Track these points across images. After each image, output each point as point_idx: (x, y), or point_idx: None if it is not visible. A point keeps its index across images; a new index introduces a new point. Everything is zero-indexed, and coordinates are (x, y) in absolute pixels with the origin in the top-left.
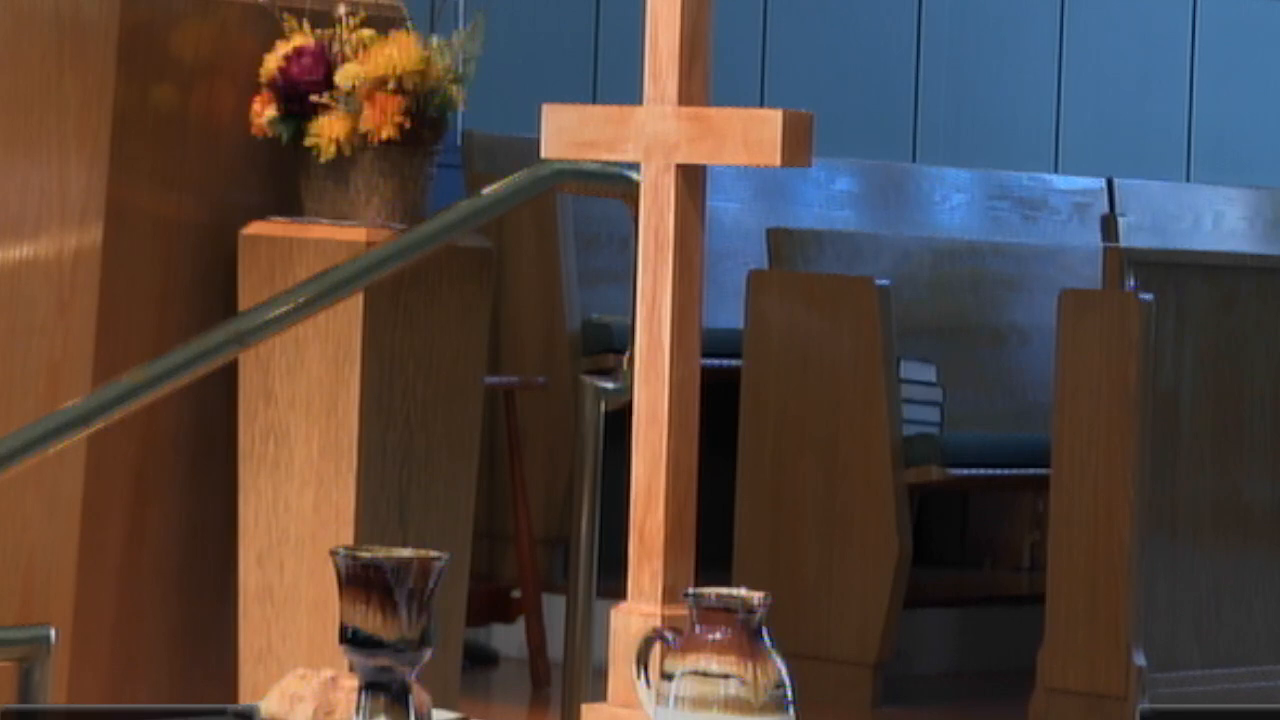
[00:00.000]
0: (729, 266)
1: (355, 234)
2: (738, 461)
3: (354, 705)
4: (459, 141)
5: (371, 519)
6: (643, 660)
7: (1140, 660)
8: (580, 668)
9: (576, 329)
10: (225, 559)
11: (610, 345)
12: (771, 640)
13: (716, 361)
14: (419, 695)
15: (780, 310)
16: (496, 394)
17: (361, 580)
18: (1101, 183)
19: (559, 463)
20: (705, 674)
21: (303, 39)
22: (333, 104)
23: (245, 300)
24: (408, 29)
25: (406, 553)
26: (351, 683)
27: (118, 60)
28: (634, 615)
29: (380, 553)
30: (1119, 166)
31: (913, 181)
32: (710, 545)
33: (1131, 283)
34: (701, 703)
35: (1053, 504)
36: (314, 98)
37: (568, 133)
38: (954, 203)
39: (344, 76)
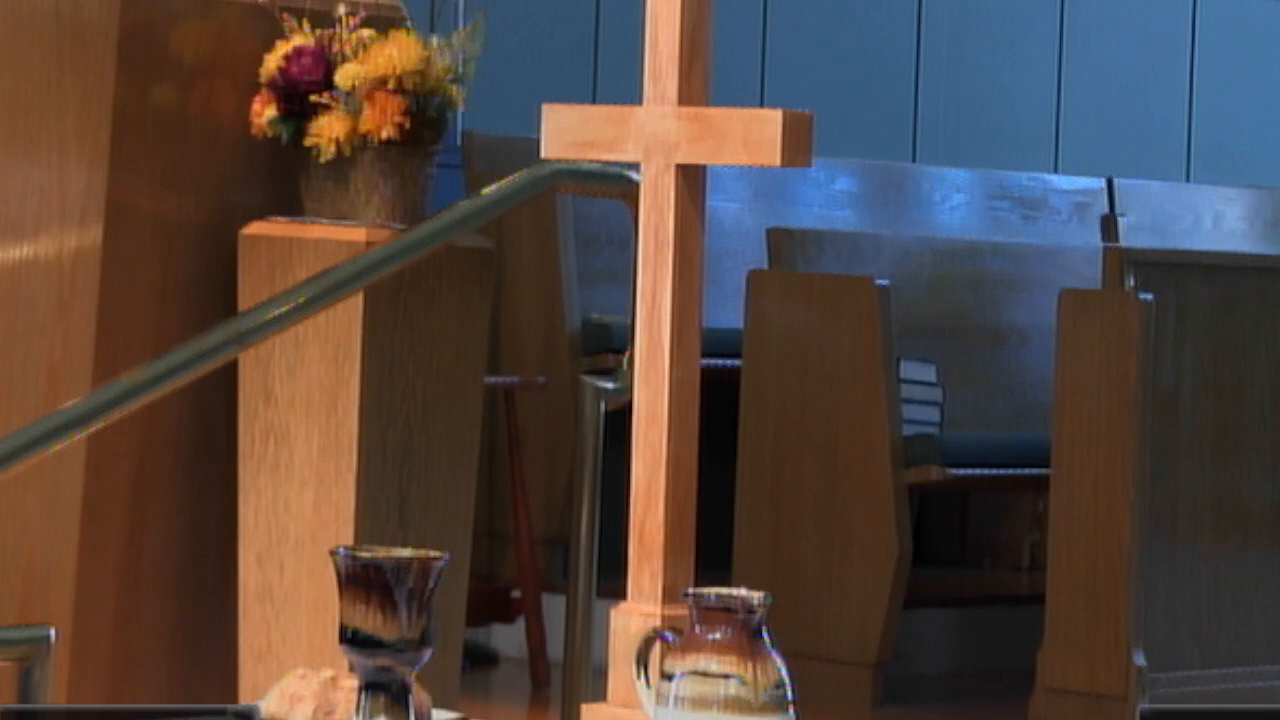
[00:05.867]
0: (729, 266)
1: (355, 234)
2: (738, 461)
3: (354, 705)
4: (459, 141)
5: (371, 519)
6: (643, 660)
7: (1140, 660)
8: (580, 668)
9: (576, 329)
10: (225, 559)
11: (610, 345)
12: (771, 640)
13: (716, 361)
14: (419, 695)
15: (780, 310)
16: (496, 394)
17: (361, 580)
18: (1101, 183)
19: (559, 463)
20: (705, 674)
21: (303, 39)
22: (333, 104)
23: (245, 300)
24: (408, 29)
25: (406, 553)
26: (351, 683)
27: (118, 60)
28: (634, 615)
29: (380, 553)
30: (1119, 166)
31: (913, 181)
32: (710, 545)
33: (1131, 283)
34: (701, 703)
35: (1053, 504)
36: (314, 98)
37: (568, 133)
38: (954, 203)
39: (344, 76)
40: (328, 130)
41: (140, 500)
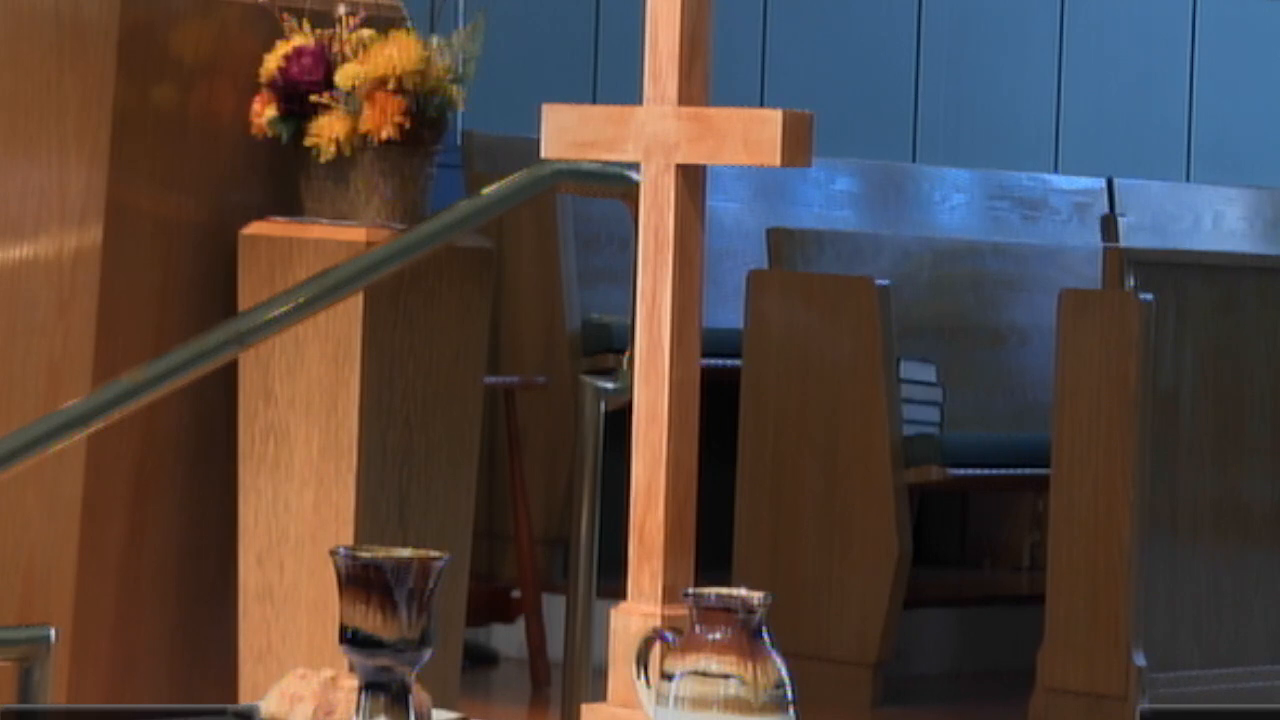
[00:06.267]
0: (729, 266)
1: (355, 234)
2: (738, 461)
3: (354, 705)
4: (459, 141)
5: (371, 519)
6: (643, 660)
7: (1140, 660)
8: (580, 668)
9: (576, 329)
10: (225, 559)
11: (610, 345)
12: (771, 640)
13: (716, 361)
14: (419, 695)
15: (780, 310)
16: (496, 394)
17: (361, 580)
18: (1101, 183)
19: (559, 463)
20: (705, 674)
21: (303, 39)
22: (333, 104)
23: (245, 300)
24: (408, 29)
25: (406, 553)
26: (351, 683)
27: (118, 60)
28: (634, 615)
29: (380, 553)
30: (1119, 166)
31: (913, 181)
32: (710, 545)
33: (1131, 283)
34: (701, 703)
35: (1053, 504)
36: (314, 98)
37: (568, 133)
38: (954, 203)
39: (344, 76)
40: (328, 130)
41: (140, 500)
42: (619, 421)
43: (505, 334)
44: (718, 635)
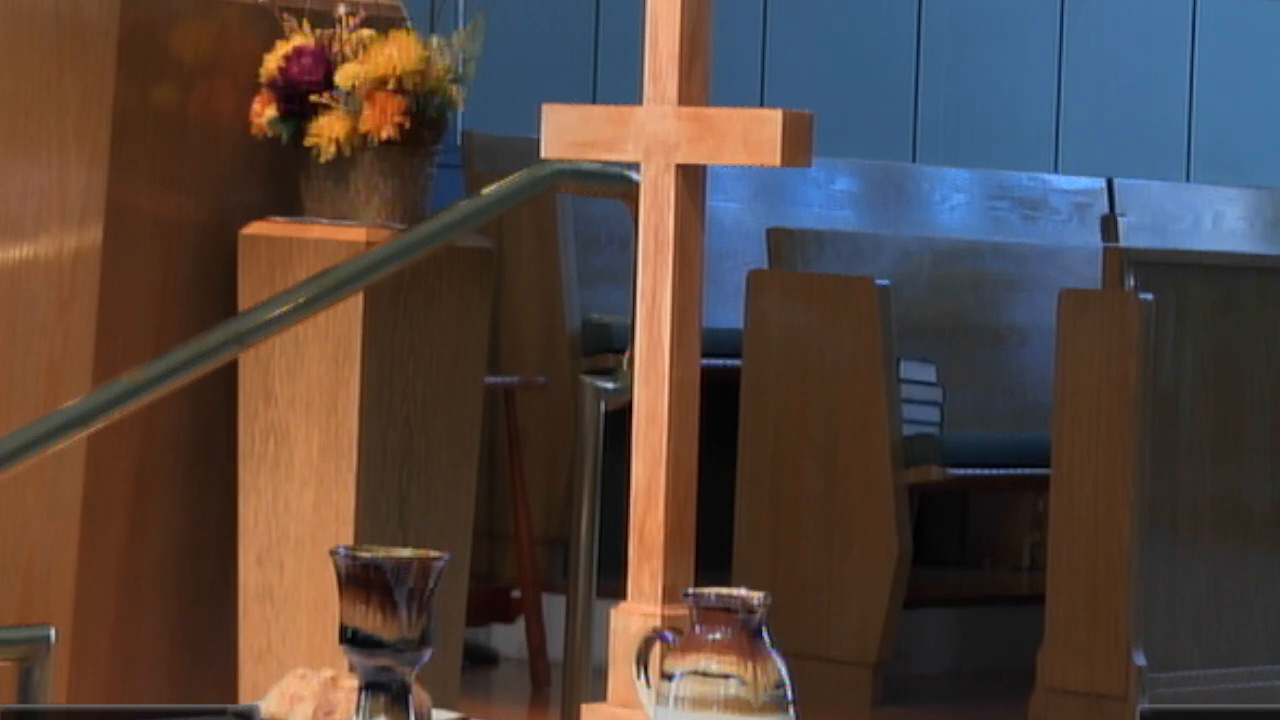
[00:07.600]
0: (729, 266)
1: (355, 234)
2: (738, 461)
3: (354, 705)
4: (459, 141)
5: (371, 519)
6: (643, 660)
7: (1140, 660)
8: (580, 668)
9: (576, 329)
10: (225, 559)
11: (610, 345)
12: (771, 640)
13: (716, 361)
14: (419, 695)
15: (780, 310)
16: (496, 394)
17: (361, 580)
18: (1101, 183)
19: (559, 463)
20: (705, 674)
21: (303, 39)
22: (333, 104)
23: (245, 300)
24: (408, 29)
25: (406, 553)
26: (351, 683)
27: (118, 60)
28: (634, 615)
29: (380, 553)
30: (1119, 166)
31: (913, 181)
32: (710, 545)
33: (1131, 283)
34: (701, 703)
35: (1053, 504)
36: (314, 98)
37: (568, 133)
38: (954, 203)
39: (344, 76)
40: (328, 130)
41: (140, 500)
42: (619, 421)
43: (505, 334)
44: (718, 635)
